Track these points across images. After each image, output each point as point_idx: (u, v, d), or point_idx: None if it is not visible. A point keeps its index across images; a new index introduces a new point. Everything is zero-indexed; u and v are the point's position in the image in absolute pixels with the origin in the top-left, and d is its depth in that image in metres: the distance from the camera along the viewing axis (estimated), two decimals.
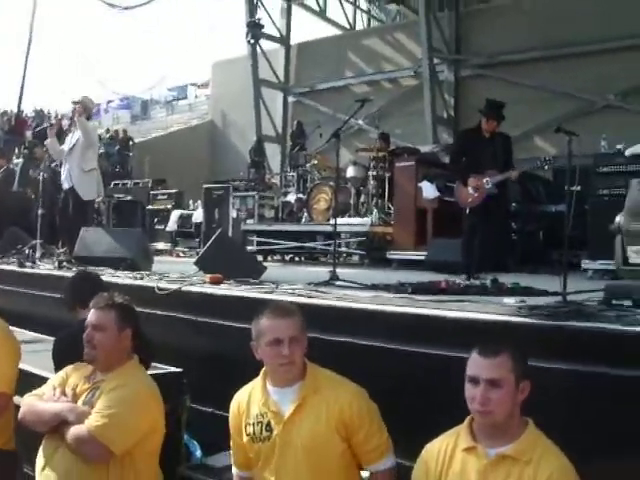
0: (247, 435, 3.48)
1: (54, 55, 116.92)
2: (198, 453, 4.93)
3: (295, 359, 3.38)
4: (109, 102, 42.63)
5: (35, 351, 5.56)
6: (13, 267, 9.55)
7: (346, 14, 31.32)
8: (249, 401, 3.53)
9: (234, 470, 3.70)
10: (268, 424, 3.40)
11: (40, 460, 3.68)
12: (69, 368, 3.97)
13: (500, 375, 2.84)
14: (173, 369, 5.01)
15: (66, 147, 10.07)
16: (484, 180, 8.07)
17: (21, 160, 16.71)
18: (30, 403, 3.85)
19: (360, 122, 19.82)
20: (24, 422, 3.84)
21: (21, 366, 4.85)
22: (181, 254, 17.55)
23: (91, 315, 3.86)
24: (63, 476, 3.55)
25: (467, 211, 8.44)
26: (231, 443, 3.66)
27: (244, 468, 3.61)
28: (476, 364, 2.88)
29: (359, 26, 31.73)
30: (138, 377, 3.86)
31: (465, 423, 2.99)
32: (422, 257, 10.21)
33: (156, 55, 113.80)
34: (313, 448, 3.30)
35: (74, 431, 3.55)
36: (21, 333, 5.53)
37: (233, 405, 3.62)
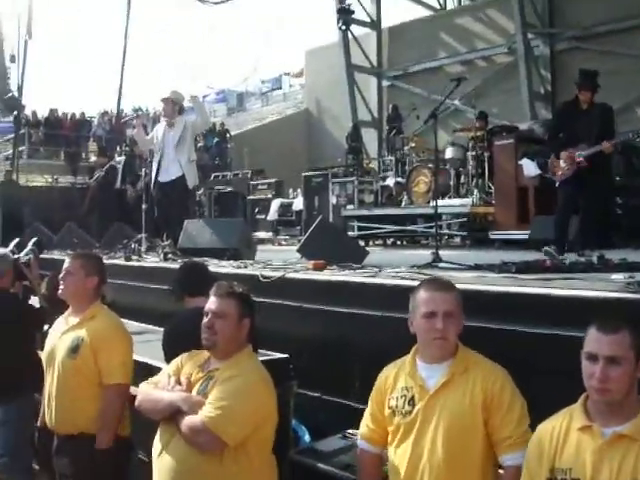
0: (389, 408, 3.46)
1: (149, 53, 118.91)
2: (306, 438, 4.97)
3: (448, 335, 3.35)
4: (205, 96, 43.19)
5: (145, 341, 5.66)
6: (120, 261, 9.73)
7: None
8: (396, 375, 3.51)
9: (364, 445, 3.65)
10: (412, 398, 3.38)
11: (157, 446, 3.74)
12: (184, 356, 4.00)
13: (620, 352, 2.75)
14: (280, 355, 5.06)
15: (160, 142, 10.17)
16: (576, 153, 7.86)
17: (123, 158, 17.12)
18: (146, 391, 3.90)
19: (456, 102, 19.61)
20: (140, 410, 3.90)
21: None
22: (283, 242, 17.70)
23: (212, 302, 3.83)
24: (178, 463, 3.59)
25: (557, 185, 8.27)
26: (367, 417, 3.63)
27: (375, 443, 3.59)
28: (595, 340, 2.79)
29: (450, 5, 31.31)
30: (252, 367, 3.86)
31: (579, 402, 2.91)
32: (525, 236, 10.09)
33: (248, 47, 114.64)
34: (453, 426, 3.25)
35: (188, 421, 3.58)
36: (130, 325, 5.67)
37: (380, 378, 3.60)
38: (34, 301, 5.88)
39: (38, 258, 6.46)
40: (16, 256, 6.27)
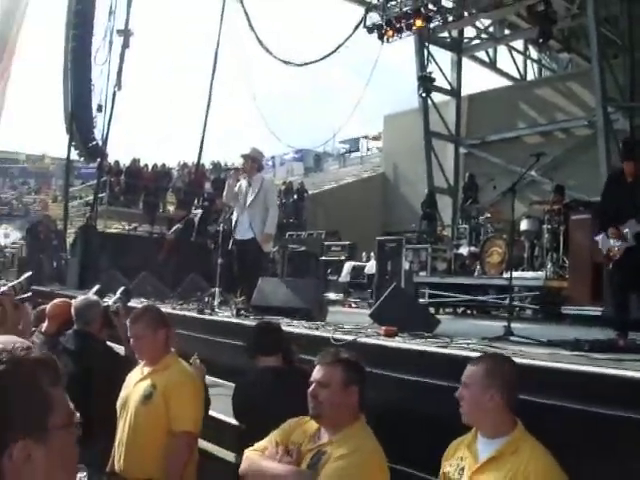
0: (444, 473, 3.53)
1: (231, 109, 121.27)
2: None
3: (466, 409, 3.48)
4: (284, 155, 43.86)
5: (214, 395, 5.76)
6: (193, 313, 9.80)
7: (517, 64, 30.97)
8: (459, 444, 3.57)
9: None
10: (462, 468, 3.42)
11: None
12: (292, 422, 3.92)
13: None
14: None
15: (241, 198, 10.32)
16: (624, 231, 7.31)
17: (200, 211, 17.42)
18: (252, 459, 3.82)
19: (533, 173, 19.59)
20: (245, 478, 3.83)
21: None
22: (353, 305, 17.75)
23: (316, 371, 3.77)
24: None
25: (610, 266, 7.68)
26: None
27: None
28: None
29: (530, 76, 31.36)
30: (367, 443, 3.72)
31: None
32: (598, 313, 9.98)
33: (329, 109, 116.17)
34: None
35: None
36: None
37: (448, 448, 3.67)
38: (120, 350, 6.02)
39: (127, 307, 6.60)
40: (106, 304, 6.43)
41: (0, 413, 1.42)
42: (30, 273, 4.98)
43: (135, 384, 4.90)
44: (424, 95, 26.12)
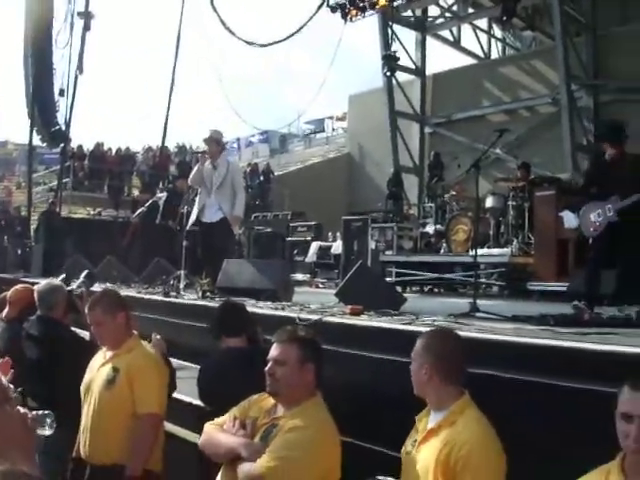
0: (405, 447, 3.55)
1: (194, 91, 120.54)
2: None
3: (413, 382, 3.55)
4: (249, 136, 43.66)
5: (179, 378, 5.73)
6: (158, 296, 9.76)
7: (481, 43, 31.09)
8: (419, 419, 3.59)
9: None
10: (415, 440, 3.47)
11: None
12: (253, 398, 3.96)
13: None
14: None
15: (207, 181, 10.24)
16: (606, 207, 7.49)
17: (165, 194, 17.29)
18: (209, 433, 3.89)
19: (498, 151, 19.68)
20: (203, 450, 3.91)
21: None
22: (320, 285, 17.73)
23: (273, 349, 3.81)
24: None
25: (590, 241, 7.89)
26: None
27: None
28: (630, 400, 2.72)
29: (494, 54, 31.45)
30: (320, 419, 3.77)
31: (617, 460, 2.81)
32: (564, 288, 10.03)
33: (294, 91, 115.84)
34: (421, 477, 3.29)
35: (245, 468, 3.54)
36: None
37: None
38: (85, 335, 5.95)
39: (90, 291, 6.54)
40: (69, 288, 6.37)
41: None
42: None
43: (98, 368, 4.88)
44: (388, 74, 26.03)
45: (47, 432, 2.10)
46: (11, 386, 1.63)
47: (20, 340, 5.78)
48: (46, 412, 2.09)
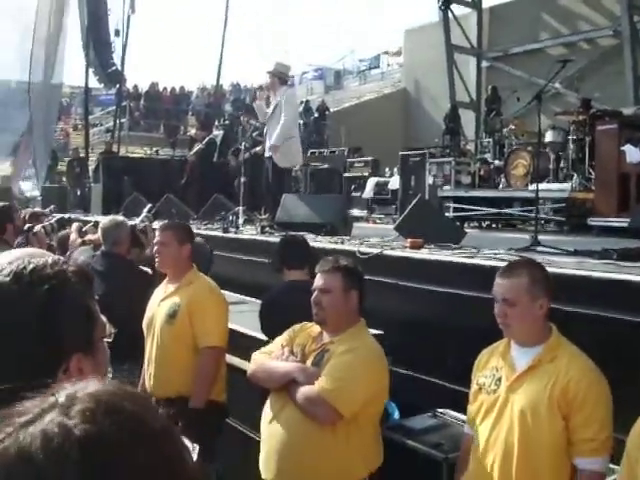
0: (477, 385, 3.48)
1: (248, 30, 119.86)
2: (396, 415, 4.95)
3: (508, 321, 3.33)
4: (303, 74, 43.38)
5: (241, 312, 5.76)
6: (218, 232, 9.89)
7: None
8: (490, 354, 3.52)
9: (468, 430, 3.64)
10: (499, 378, 3.37)
11: (267, 414, 3.82)
12: (296, 327, 4.06)
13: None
14: (375, 331, 5.09)
15: (268, 114, 10.25)
16: None
17: (221, 132, 17.36)
18: (260, 361, 3.99)
19: (557, 85, 19.24)
20: (254, 379, 4.00)
21: (229, 326, 5.08)
22: (377, 221, 17.67)
23: (318, 279, 3.91)
24: (290, 432, 3.66)
25: None
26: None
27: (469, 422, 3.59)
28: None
29: None
30: (366, 341, 3.93)
31: None
32: (625, 224, 9.88)
33: (347, 26, 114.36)
34: (528, 414, 3.18)
35: (305, 391, 3.64)
36: (227, 295, 5.78)
37: (478, 358, 3.62)
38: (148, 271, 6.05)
39: (153, 227, 6.61)
40: (132, 223, 6.45)
41: (55, 332, 1.46)
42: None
43: (159, 303, 4.96)
44: (444, 8, 25.62)
45: None
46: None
47: None
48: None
